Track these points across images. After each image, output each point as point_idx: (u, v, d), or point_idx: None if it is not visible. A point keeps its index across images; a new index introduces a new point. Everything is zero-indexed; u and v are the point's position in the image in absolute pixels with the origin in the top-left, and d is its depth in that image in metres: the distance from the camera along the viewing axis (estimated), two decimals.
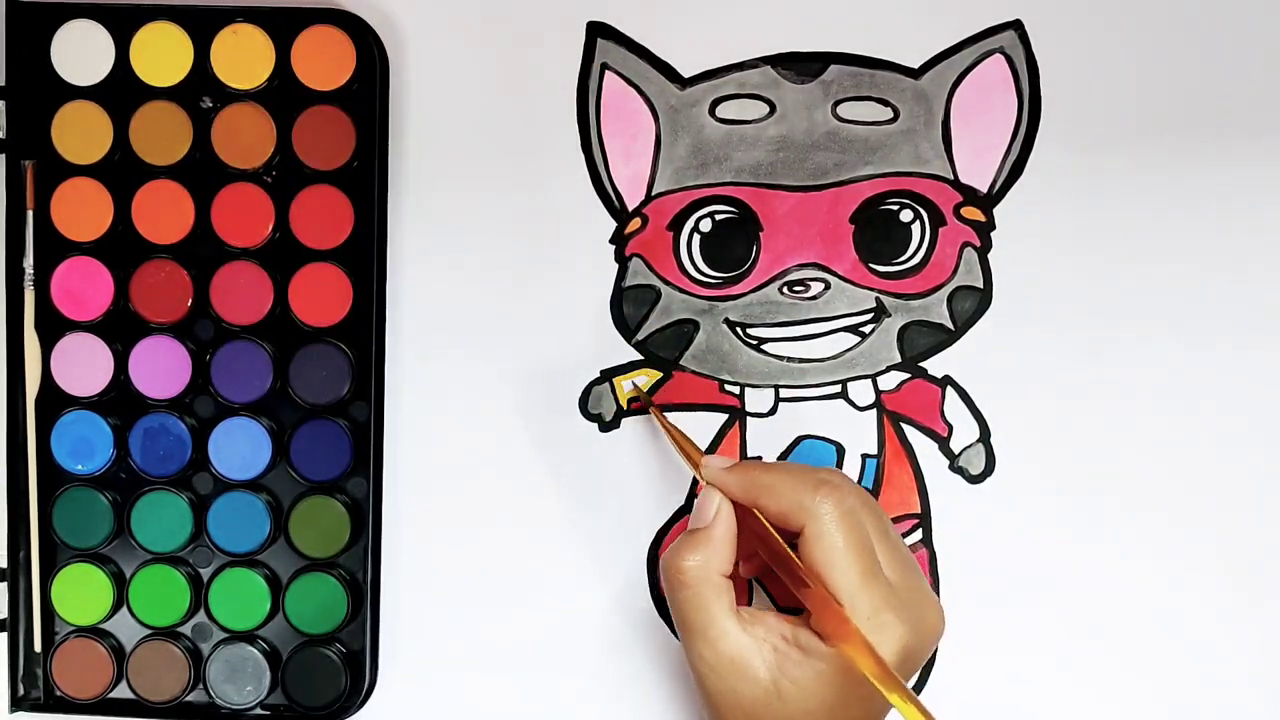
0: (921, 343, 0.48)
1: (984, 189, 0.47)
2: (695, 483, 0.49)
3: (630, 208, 0.48)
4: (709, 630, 0.40)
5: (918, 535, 0.48)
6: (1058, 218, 0.47)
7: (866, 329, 0.48)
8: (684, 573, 0.40)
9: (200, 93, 0.48)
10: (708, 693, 0.40)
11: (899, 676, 0.37)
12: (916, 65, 0.47)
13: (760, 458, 0.48)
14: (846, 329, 0.48)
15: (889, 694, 0.36)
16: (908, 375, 0.48)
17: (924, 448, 0.48)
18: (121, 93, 0.48)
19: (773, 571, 0.42)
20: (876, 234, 0.48)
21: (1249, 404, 0.47)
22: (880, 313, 0.48)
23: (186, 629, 0.50)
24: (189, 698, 0.49)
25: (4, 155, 0.49)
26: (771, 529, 0.40)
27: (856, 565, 0.39)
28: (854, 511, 0.40)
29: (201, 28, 0.47)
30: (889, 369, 0.48)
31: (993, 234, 0.48)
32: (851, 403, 0.48)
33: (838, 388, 0.48)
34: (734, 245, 0.48)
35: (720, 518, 0.41)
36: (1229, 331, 0.47)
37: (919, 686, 0.48)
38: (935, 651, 0.48)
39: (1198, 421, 0.47)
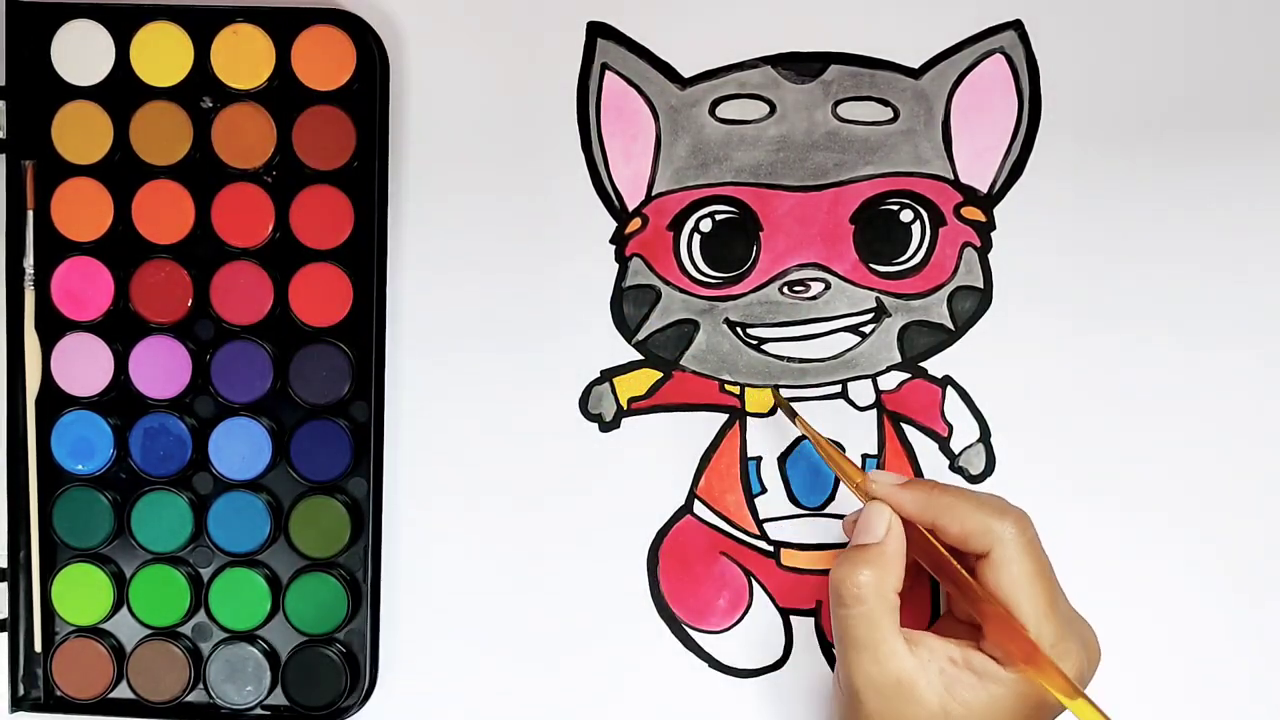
0: (922, 343, 0.48)
1: (984, 189, 0.47)
2: (695, 482, 0.49)
3: (630, 208, 0.48)
4: (879, 648, 0.39)
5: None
6: (1058, 218, 0.47)
7: (867, 329, 0.48)
8: (860, 587, 0.40)
9: (200, 93, 0.48)
10: (866, 713, 0.40)
11: (1090, 697, 0.37)
12: (916, 65, 0.47)
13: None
14: (847, 329, 0.48)
15: (1084, 715, 0.37)
16: (908, 375, 0.48)
17: (924, 448, 0.48)
18: (121, 93, 0.48)
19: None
20: (877, 234, 0.48)
21: (1249, 404, 0.47)
22: (880, 313, 0.48)
23: (187, 629, 0.50)
24: (189, 698, 0.49)
25: (4, 155, 0.49)
26: (941, 547, 0.41)
27: (1045, 593, 0.39)
28: (1037, 540, 0.40)
29: (201, 28, 0.47)
30: (889, 369, 0.48)
31: (993, 234, 0.48)
32: (852, 403, 0.48)
33: (838, 388, 0.48)
34: (734, 245, 0.48)
35: (892, 534, 0.41)
36: (1229, 331, 0.47)
37: None
38: None
39: (1198, 421, 0.47)
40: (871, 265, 0.48)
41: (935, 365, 0.48)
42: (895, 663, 0.39)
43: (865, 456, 0.48)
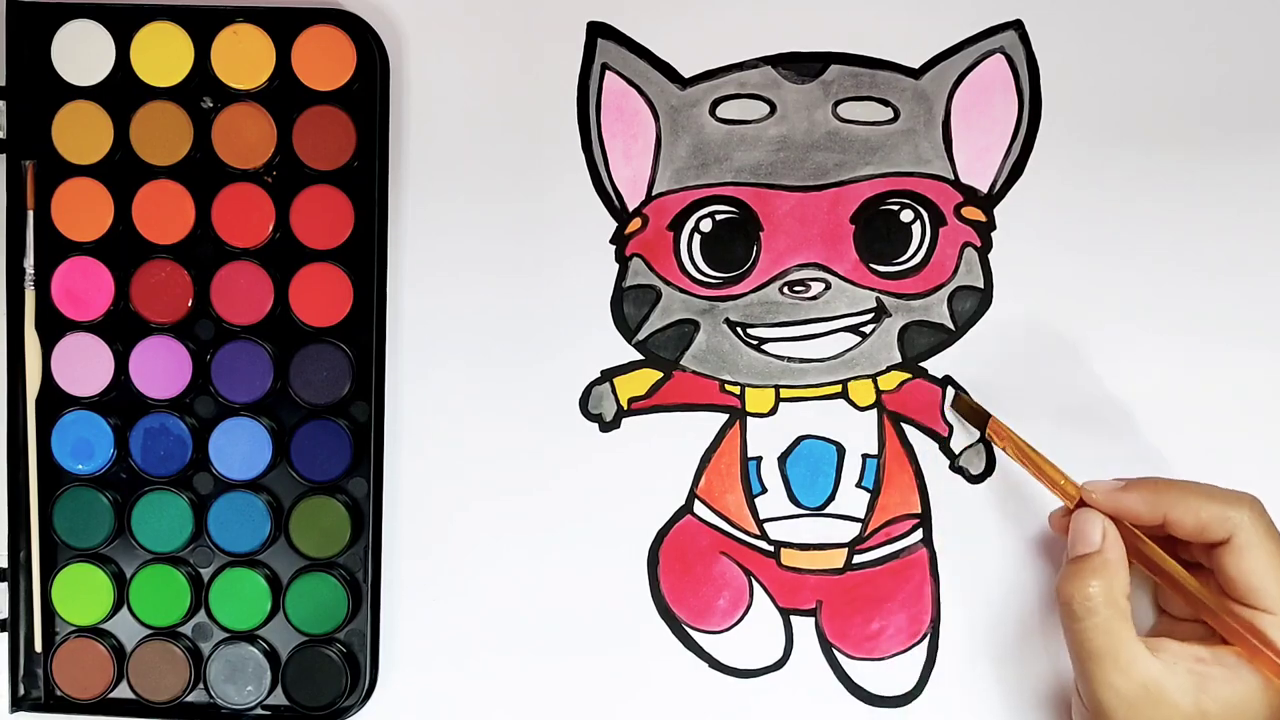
0: (922, 343, 0.48)
1: (984, 189, 0.47)
2: (696, 482, 0.49)
3: (630, 208, 0.48)
4: (1119, 656, 0.39)
5: (918, 535, 0.48)
6: (1058, 218, 0.47)
7: (867, 329, 0.48)
8: (1090, 599, 0.39)
9: (200, 93, 0.48)
10: None
11: None
12: (917, 65, 0.47)
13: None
14: (847, 329, 0.48)
15: None
16: (908, 375, 0.48)
17: (924, 448, 0.48)
18: (122, 93, 0.48)
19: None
20: (877, 234, 0.48)
21: (1249, 403, 0.47)
22: (880, 313, 0.48)
23: (187, 629, 0.50)
24: (189, 698, 0.49)
25: (4, 155, 0.49)
26: (1160, 551, 0.40)
27: None
28: (1273, 523, 0.40)
29: (202, 28, 0.47)
30: (889, 369, 0.48)
31: (993, 234, 0.48)
32: (852, 403, 0.48)
33: (838, 388, 0.48)
34: (734, 245, 0.48)
35: (1110, 541, 0.41)
36: (1230, 331, 0.47)
37: (919, 688, 0.48)
38: (936, 651, 0.48)
39: (1198, 421, 0.47)
40: (872, 265, 0.48)
41: (935, 365, 0.48)
42: (1139, 669, 0.39)
43: (865, 456, 0.48)
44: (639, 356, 0.49)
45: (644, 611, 0.49)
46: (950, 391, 0.47)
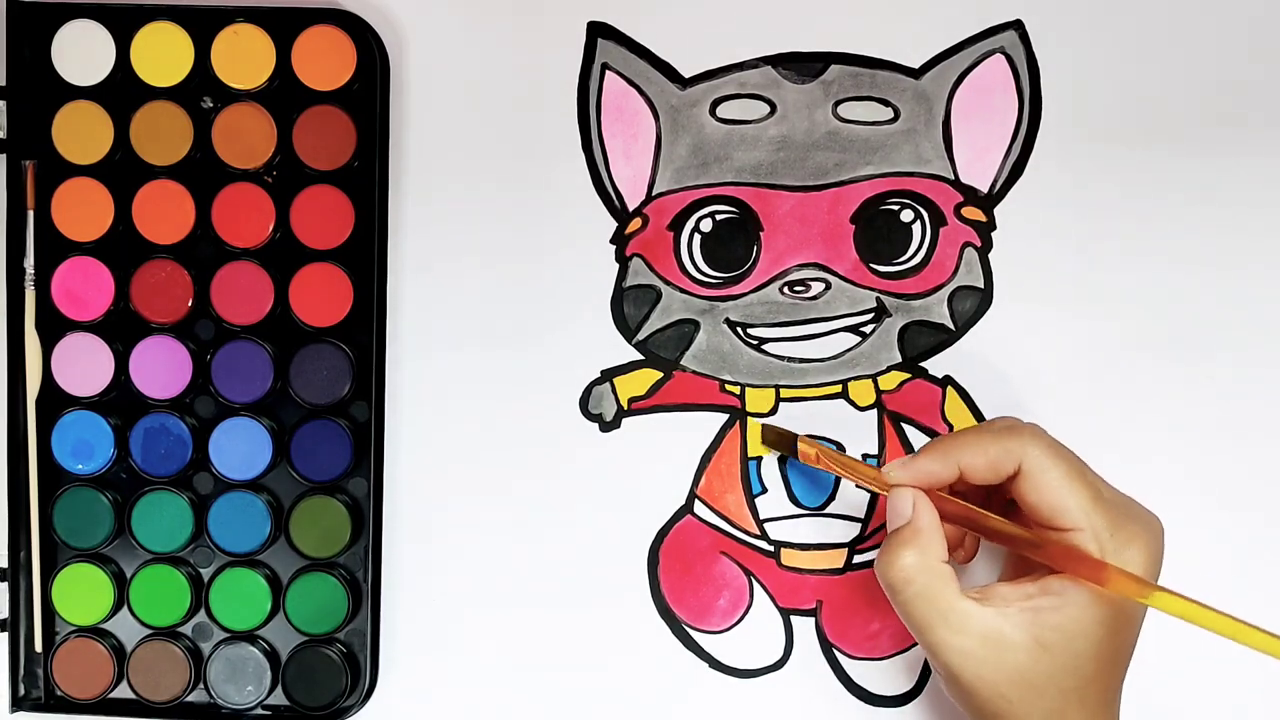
0: (922, 343, 0.48)
1: (984, 189, 0.47)
2: (696, 482, 0.49)
3: (630, 208, 0.48)
4: (949, 617, 0.39)
5: None
6: (1058, 218, 0.47)
7: (867, 329, 0.48)
8: (905, 570, 0.40)
9: (201, 93, 0.48)
10: (967, 680, 0.39)
11: (1165, 587, 0.37)
12: (917, 65, 0.47)
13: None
14: (847, 329, 0.48)
15: (1164, 605, 0.37)
16: (908, 375, 0.48)
17: None
18: (122, 93, 0.48)
19: None
20: (877, 234, 0.48)
21: (1249, 403, 0.47)
22: (881, 313, 0.48)
23: (187, 629, 0.50)
24: (189, 698, 0.49)
25: (4, 155, 0.49)
26: (964, 504, 0.40)
27: (1085, 487, 0.39)
28: (1055, 442, 0.40)
29: (202, 28, 0.47)
30: (889, 369, 0.48)
31: (993, 234, 0.48)
32: (852, 403, 0.48)
33: (838, 388, 0.48)
34: (734, 245, 0.48)
35: (920, 509, 0.41)
36: (1230, 331, 0.47)
37: (919, 688, 0.48)
38: None
39: (1198, 421, 0.47)
40: (872, 265, 0.48)
41: (935, 365, 0.48)
42: (974, 623, 0.39)
43: (866, 456, 0.48)
44: (639, 356, 0.49)
45: (644, 611, 0.49)
46: (760, 423, 0.48)
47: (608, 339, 0.49)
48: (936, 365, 0.48)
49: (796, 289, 0.48)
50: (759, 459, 0.48)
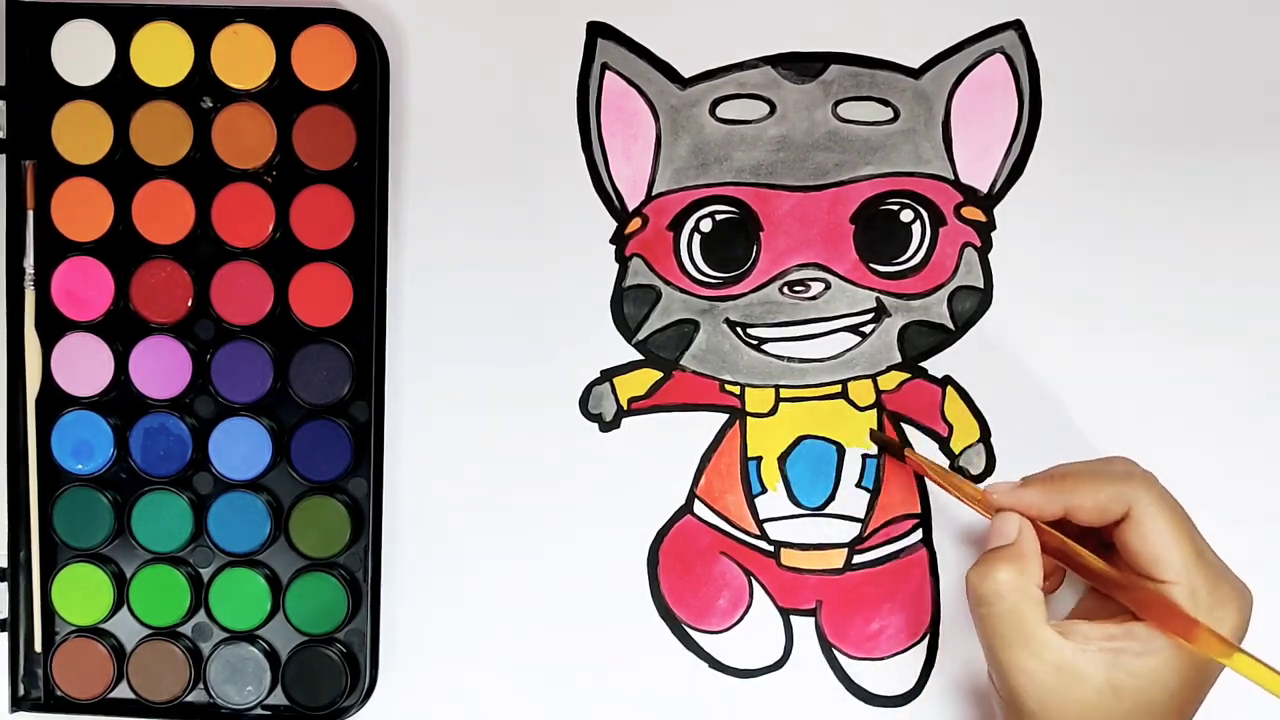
0: (922, 343, 0.48)
1: (984, 189, 0.47)
2: (696, 482, 0.49)
3: (630, 208, 0.48)
4: (1030, 641, 0.39)
5: (918, 535, 0.48)
6: (1058, 218, 0.47)
7: (867, 329, 0.48)
8: (1000, 584, 0.40)
9: (200, 93, 0.48)
10: (1030, 706, 0.39)
11: (1249, 652, 0.37)
12: (916, 65, 0.47)
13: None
14: (847, 329, 0.48)
15: (1246, 669, 0.37)
16: (908, 375, 0.48)
17: (924, 448, 0.48)
18: (121, 93, 0.48)
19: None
20: (877, 234, 0.48)
21: (1249, 402, 0.47)
22: (880, 313, 0.48)
23: (187, 629, 0.50)
24: (189, 698, 0.49)
25: (4, 155, 0.49)
26: (1067, 540, 0.41)
27: (1189, 544, 0.39)
28: (1167, 493, 0.40)
29: (201, 28, 0.47)
30: (889, 369, 0.48)
31: (993, 234, 0.48)
32: (852, 403, 0.48)
33: (838, 388, 0.48)
34: (734, 245, 0.48)
35: (1024, 534, 0.41)
36: (1229, 330, 0.47)
37: (919, 688, 0.48)
38: (936, 651, 0.48)
39: (1198, 420, 0.47)
40: (872, 265, 0.48)
41: (935, 365, 0.48)
42: (1051, 652, 0.39)
43: (865, 456, 0.48)
44: (639, 356, 0.49)
45: (644, 611, 0.49)
46: (872, 428, 0.48)
47: (608, 339, 0.49)
48: (936, 365, 0.48)
49: (796, 289, 0.48)
50: (759, 459, 0.48)
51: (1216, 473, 0.47)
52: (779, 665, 0.49)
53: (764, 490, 0.48)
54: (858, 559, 0.48)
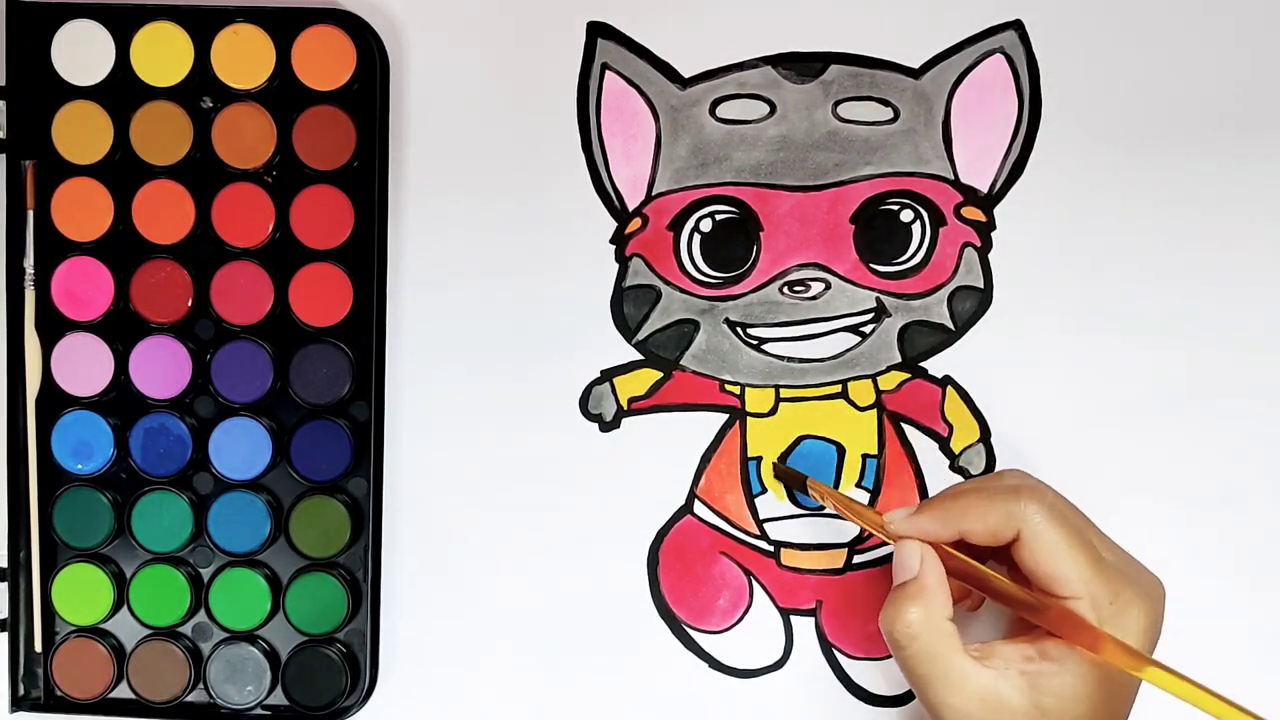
0: (922, 343, 0.48)
1: (984, 189, 0.47)
2: (696, 482, 0.49)
3: (630, 208, 0.48)
4: (950, 677, 0.39)
5: None
6: (1058, 218, 0.47)
7: (867, 329, 0.48)
8: (910, 626, 0.39)
9: (200, 93, 0.48)
10: None
11: (1160, 662, 0.36)
12: (916, 65, 0.47)
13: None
14: (847, 329, 0.48)
15: (1158, 680, 0.36)
16: (908, 375, 0.48)
17: (924, 448, 0.48)
18: (121, 93, 0.48)
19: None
20: (877, 234, 0.48)
21: (1249, 402, 0.47)
22: (880, 313, 0.48)
23: (187, 629, 0.50)
24: (189, 698, 0.49)
25: (4, 155, 0.49)
26: (972, 562, 0.40)
27: (1082, 554, 0.39)
28: (1059, 504, 0.40)
29: (201, 28, 0.47)
30: (889, 369, 0.48)
31: (993, 234, 0.48)
32: (852, 403, 0.48)
33: (838, 388, 0.48)
34: (734, 245, 0.48)
35: (927, 564, 0.41)
36: (1229, 330, 0.47)
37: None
38: None
39: (1198, 420, 0.47)
40: (872, 265, 0.48)
41: (935, 365, 0.48)
42: (971, 684, 0.39)
43: (865, 456, 0.48)
44: (639, 356, 0.49)
45: (644, 611, 0.49)
46: (772, 464, 0.48)
47: (608, 339, 0.49)
48: (936, 365, 0.48)
49: (796, 289, 0.48)
50: (759, 459, 0.48)
51: (1216, 470, 0.47)
52: (779, 665, 0.49)
53: (764, 490, 0.48)
54: (858, 559, 0.48)
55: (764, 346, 0.48)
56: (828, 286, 0.48)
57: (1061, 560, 0.39)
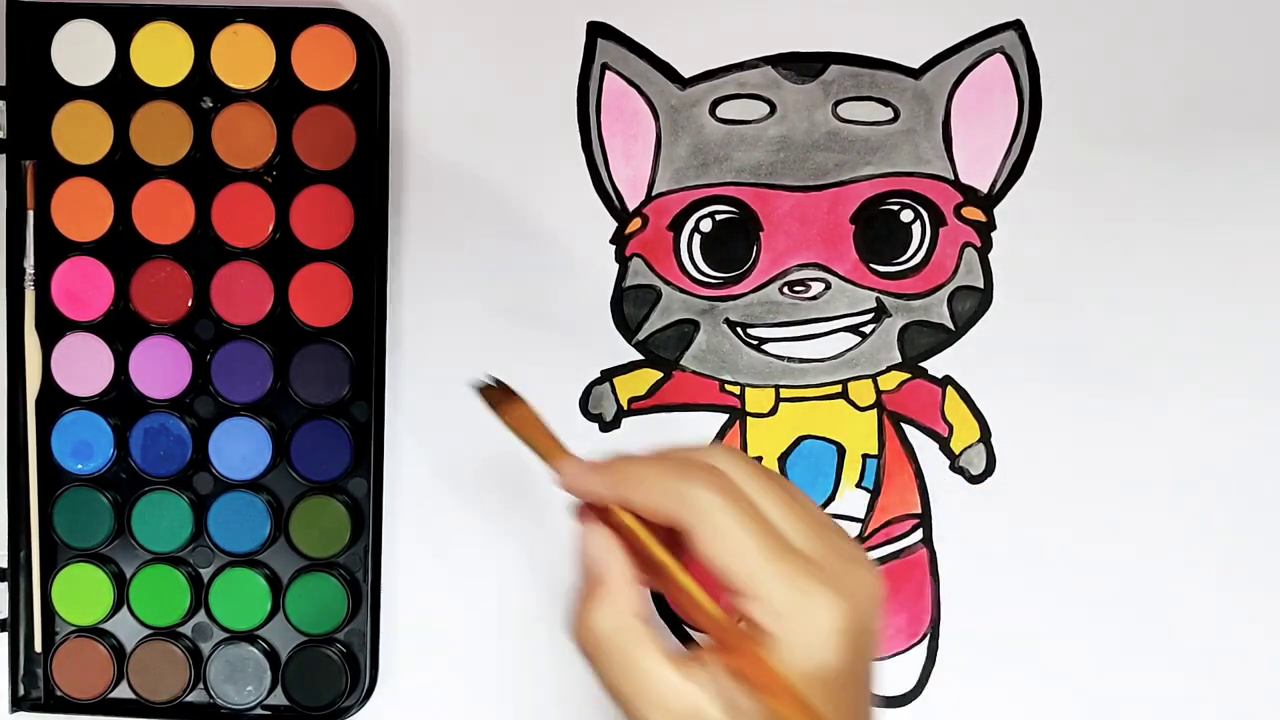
0: (922, 343, 0.48)
1: (984, 189, 0.47)
2: None
3: (630, 208, 0.48)
4: (648, 690, 0.32)
5: (918, 535, 0.48)
6: (1058, 218, 0.47)
7: (867, 329, 0.48)
8: (596, 634, 0.33)
9: (200, 93, 0.48)
10: None
11: (795, 689, 0.30)
12: (916, 65, 0.47)
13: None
14: (847, 329, 0.48)
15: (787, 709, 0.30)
16: (908, 375, 0.48)
17: (924, 448, 0.48)
18: (122, 93, 0.48)
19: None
20: (877, 234, 0.48)
21: (1249, 402, 0.47)
22: (880, 313, 0.48)
23: (187, 629, 0.50)
24: (189, 698, 0.49)
25: (4, 155, 0.49)
26: (666, 560, 0.33)
27: (756, 544, 0.31)
28: (734, 487, 0.32)
29: (202, 28, 0.47)
30: (889, 369, 0.48)
31: (993, 234, 0.48)
32: (852, 403, 0.48)
33: (838, 388, 0.48)
34: (734, 245, 0.48)
35: (612, 558, 0.34)
36: (1230, 330, 0.47)
37: (919, 688, 0.48)
38: (936, 651, 0.48)
39: (1198, 420, 0.47)
40: (872, 265, 0.48)
41: (935, 365, 0.48)
42: (673, 699, 0.31)
43: (865, 456, 0.48)
44: (639, 356, 0.49)
45: None
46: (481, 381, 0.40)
47: (608, 339, 0.49)
48: (936, 365, 0.48)
49: (796, 289, 0.48)
50: (759, 459, 0.48)
51: (1216, 471, 0.47)
52: None
53: None
54: None
55: (764, 346, 0.48)
56: (828, 286, 0.48)
57: (730, 551, 0.31)
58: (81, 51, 0.48)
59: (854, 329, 0.48)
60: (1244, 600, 0.47)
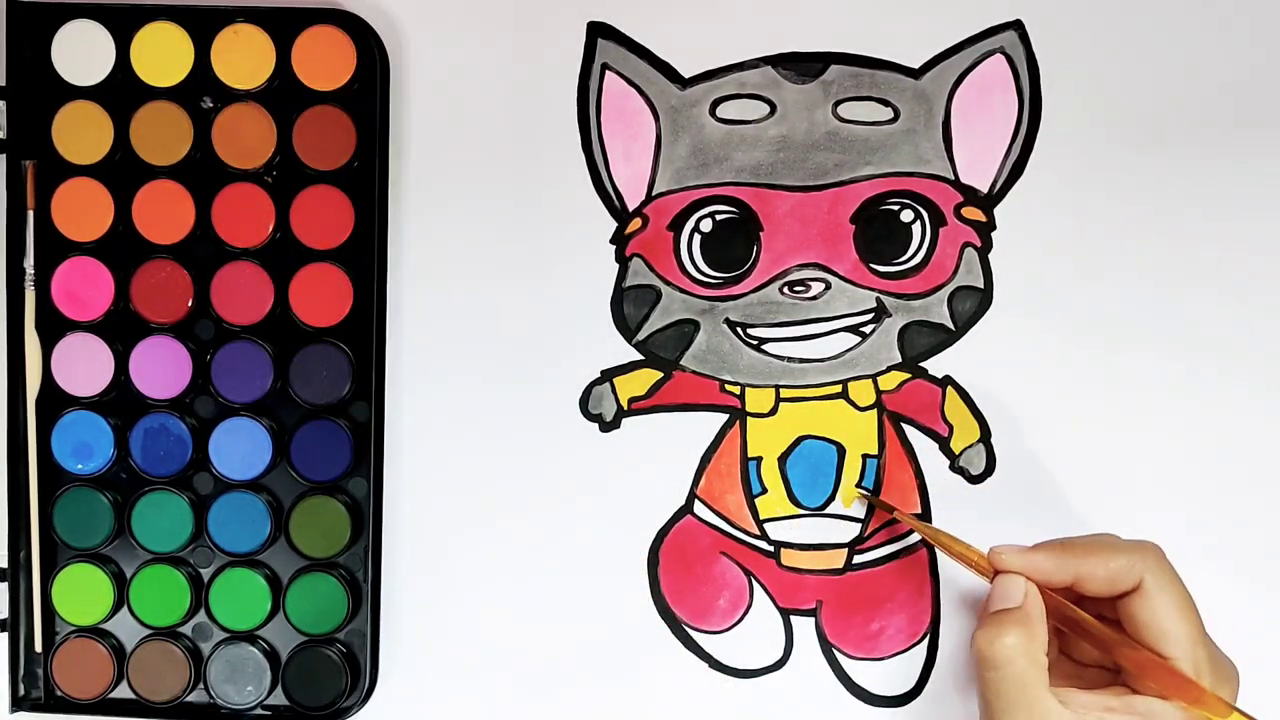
0: (922, 343, 0.48)
1: (984, 189, 0.47)
2: (696, 483, 0.49)
3: (630, 208, 0.48)
4: (1033, 708, 0.40)
5: (918, 535, 0.48)
6: (1058, 218, 0.47)
7: (867, 329, 0.48)
8: (1009, 649, 0.40)
9: (200, 93, 0.48)
10: None
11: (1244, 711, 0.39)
12: (917, 65, 0.47)
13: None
14: (847, 329, 0.48)
15: None
16: (908, 375, 0.48)
17: (924, 448, 0.48)
18: (122, 93, 0.48)
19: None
20: (877, 234, 0.48)
21: (1250, 402, 0.47)
22: (881, 313, 0.48)
23: (187, 629, 0.50)
24: (189, 698, 0.49)
25: (4, 155, 0.49)
26: (1075, 608, 0.41)
27: (1195, 619, 0.40)
28: (1172, 566, 0.41)
29: (202, 28, 0.47)
30: (889, 369, 0.48)
31: (993, 234, 0.48)
32: (852, 403, 0.48)
33: (838, 388, 0.48)
34: (734, 245, 0.48)
35: (1031, 597, 0.41)
36: (1230, 330, 0.47)
37: (919, 688, 0.48)
38: (936, 651, 0.48)
39: (1198, 420, 0.47)
40: (872, 265, 0.48)
41: (935, 365, 0.48)
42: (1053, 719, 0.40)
43: (865, 456, 0.48)
44: (639, 356, 0.49)
45: (644, 611, 0.49)
46: (860, 489, 0.48)
47: (608, 339, 0.49)
48: (936, 365, 0.48)
49: (796, 289, 0.48)
50: (759, 459, 0.48)
51: (1217, 471, 0.47)
52: (779, 665, 0.49)
53: (764, 490, 0.48)
54: (858, 559, 0.48)
55: (764, 346, 0.48)
56: (828, 286, 0.48)
57: (1177, 619, 0.40)
58: (81, 51, 0.48)
59: (854, 329, 0.48)
60: (1244, 600, 0.47)
